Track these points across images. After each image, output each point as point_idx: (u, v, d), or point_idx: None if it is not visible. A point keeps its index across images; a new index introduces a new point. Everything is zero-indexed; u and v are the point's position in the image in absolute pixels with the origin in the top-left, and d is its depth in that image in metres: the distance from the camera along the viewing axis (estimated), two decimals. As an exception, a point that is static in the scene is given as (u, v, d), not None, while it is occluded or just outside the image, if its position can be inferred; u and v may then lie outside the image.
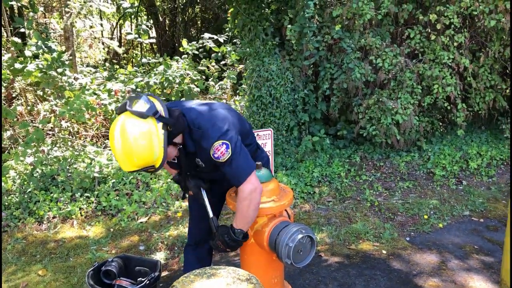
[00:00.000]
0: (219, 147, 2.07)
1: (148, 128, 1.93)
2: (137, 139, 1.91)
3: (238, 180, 2.11)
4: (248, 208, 2.11)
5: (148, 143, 1.93)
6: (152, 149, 1.95)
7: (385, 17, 5.71)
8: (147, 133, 1.93)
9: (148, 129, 1.93)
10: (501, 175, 5.53)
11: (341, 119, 6.15)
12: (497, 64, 5.62)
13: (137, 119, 1.93)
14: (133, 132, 1.91)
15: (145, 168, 1.97)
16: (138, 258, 3.14)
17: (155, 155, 1.96)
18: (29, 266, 3.63)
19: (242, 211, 2.13)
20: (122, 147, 1.91)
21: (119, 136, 1.92)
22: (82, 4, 8.38)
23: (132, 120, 1.93)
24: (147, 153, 1.93)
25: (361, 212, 4.54)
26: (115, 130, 1.93)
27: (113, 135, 1.94)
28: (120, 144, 1.92)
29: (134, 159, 1.92)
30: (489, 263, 3.51)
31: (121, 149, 1.92)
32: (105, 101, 6.05)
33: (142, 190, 4.86)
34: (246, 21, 5.76)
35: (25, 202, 4.54)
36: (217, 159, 2.09)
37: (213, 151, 2.07)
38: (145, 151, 1.93)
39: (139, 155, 1.92)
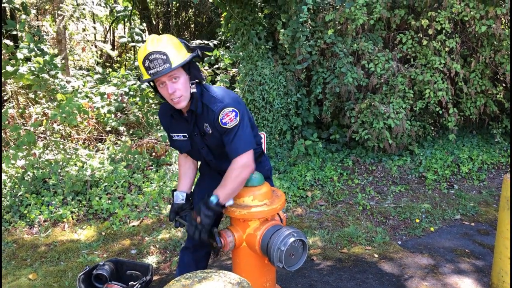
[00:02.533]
0: (229, 113, 2.12)
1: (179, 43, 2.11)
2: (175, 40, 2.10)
3: (237, 151, 2.15)
4: (235, 179, 2.14)
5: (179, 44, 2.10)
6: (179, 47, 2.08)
7: (377, 22, 5.75)
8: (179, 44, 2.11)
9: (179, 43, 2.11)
10: (492, 179, 5.57)
11: (333, 123, 6.18)
12: (488, 69, 5.68)
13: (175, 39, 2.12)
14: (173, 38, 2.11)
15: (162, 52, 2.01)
16: (129, 262, 3.13)
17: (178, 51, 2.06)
18: (19, 270, 3.60)
19: (228, 180, 2.14)
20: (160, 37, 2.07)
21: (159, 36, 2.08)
22: (75, 7, 8.36)
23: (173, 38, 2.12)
24: (176, 44, 2.07)
25: (353, 216, 4.55)
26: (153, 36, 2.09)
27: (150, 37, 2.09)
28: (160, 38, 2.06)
29: (163, 40, 2.05)
30: (480, 266, 3.54)
31: (158, 37, 2.07)
32: (97, 104, 6.03)
33: (134, 193, 4.85)
34: (239, 25, 5.77)
35: (16, 206, 4.50)
36: (224, 125, 2.13)
37: (222, 116, 2.12)
38: (175, 42, 2.08)
39: (170, 42, 2.06)
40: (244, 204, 2.24)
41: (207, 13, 11.58)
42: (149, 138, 5.94)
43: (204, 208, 2.13)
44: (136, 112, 6.50)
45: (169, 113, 2.34)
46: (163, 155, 5.62)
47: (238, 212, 2.21)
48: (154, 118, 6.54)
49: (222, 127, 2.15)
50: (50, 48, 8.59)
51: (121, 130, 6.39)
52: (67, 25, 9.39)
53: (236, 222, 2.29)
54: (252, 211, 2.20)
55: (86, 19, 11.61)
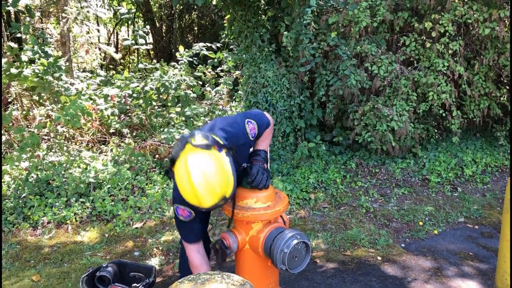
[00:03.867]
0: (249, 127, 2.33)
1: (216, 156, 1.95)
2: (215, 169, 1.91)
3: (267, 123, 2.45)
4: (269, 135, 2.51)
5: (223, 171, 1.94)
6: (227, 176, 1.95)
7: (380, 25, 5.74)
8: (218, 162, 1.93)
9: (217, 157, 1.95)
10: (495, 182, 5.56)
11: (337, 125, 6.17)
12: (491, 72, 5.67)
13: (203, 152, 1.93)
14: (208, 163, 1.90)
15: (221, 199, 1.95)
16: (133, 264, 3.14)
17: (229, 182, 1.96)
18: (23, 271, 3.61)
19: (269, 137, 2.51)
20: (204, 180, 1.88)
21: (195, 170, 1.88)
22: (79, 9, 8.40)
23: (200, 154, 1.92)
24: (225, 180, 1.94)
25: (356, 218, 4.54)
26: (189, 167, 1.89)
27: (188, 172, 1.88)
28: (199, 178, 1.87)
29: (217, 189, 1.90)
30: (484, 269, 3.52)
31: (203, 182, 1.88)
32: (101, 106, 6.05)
33: (137, 195, 4.85)
34: (243, 28, 5.78)
35: (19, 207, 4.52)
36: (254, 136, 2.37)
37: (250, 135, 2.33)
38: (224, 179, 1.93)
39: (221, 184, 1.92)
40: (247, 206, 2.24)
41: (210, 16, 11.63)
42: (153, 140, 5.95)
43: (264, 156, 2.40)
44: (140, 114, 6.52)
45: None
46: (166, 157, 5.63)
47: (241, 214, 2.21)
48: (157, 120, 6.55)
49: (254, 139, 2.40)
50: (54, 50, 8.62)
51: (124, 132, 6.41)
52: (71, 27, 9.43)
53: (239, 224, 2.30)
54: (255, 213, 2.20)
55: (90, 21, 11.64)
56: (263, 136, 2.47)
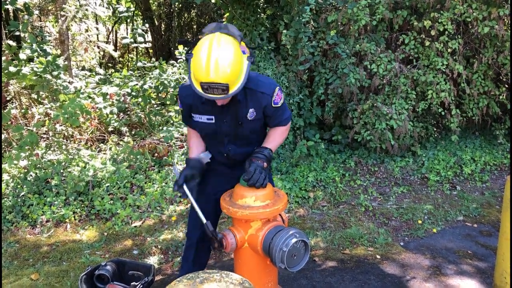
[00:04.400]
0: (279, 93, 2.32)
1: (239, 51, 2.03)
2: (235, 55, 1.98)
3: (287, 120, 2.45)
4: (281, 136, 2.47)
5: (240, 62, 2.01)
6: (240, 71, 2.03)
7: (380, 23, 5.74)
8: (239, 54, 2.02)
9: (240, 51, 2.03)
10: (494, 180, 5.56)
11: (336, 124, 6.17)
12: (490, 70, 5.67)
13: (232, 39, 2.03)
14: (233, 47, 1.99)
15: (224, 84, 1.98)
16: (131, 262, 3.14)
17: (239, 76, 2.03)
18: (21, 270, 3.61)
19: (276, 135, 2.44)
20: (223, 57, 1.95)
21: (220, 47, 1.96)
22: (77, 7, 8.38)
23: (230, 39, 2.02)
24: (237, 72, 2.00)
25: (355, 216, 4.54)
26: (214, 41, 1.97)
27: (211, 44, 1.96)
28: (220, 53, 1.95)
29: (228, 69, 1.96)
30: (483, 268, 3.53)
31: (221, 58, 1.94)
32: (100, 104, 6.03)
33: (136, 194, 4.85)
34: (242, 26, 5.77)
35: (18, 206, 4.51)
36: (276, 105, 2.32)
37: (275, 97, 2.30)
38: (237, 68, 2.00)
39: (233, 69, 1.98)
40: (246, 205, 2.24)
41: (209, 14, 11.60)
42: (152, 138, 5.94)
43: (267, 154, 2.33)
44: (139, 112, 6.51)
45: (193, 96, 2.29)
46: (165, 156, 5.63)
47: (240, 213, 2.20)
48: (156, 118, 6.54)
49: (273, 107, 2.33)
50: (53, 48, 8.60)
51: (123, 130, 6.39)
52: (70, 25, 9.41)
53: (238, 222, 2.29)
54: (254, 212, 2.20)
55: (89, 19, 11.62)
56: (276, 132, 2.45)
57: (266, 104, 2.30)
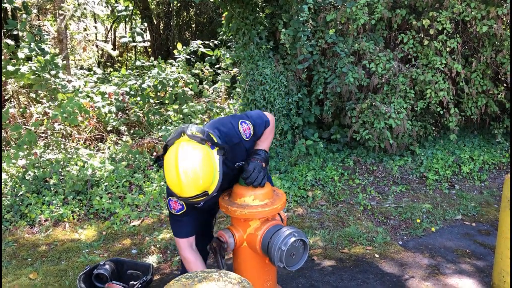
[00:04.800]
0: (243, 126, 2.31)
1: (208, 152, 1.99)
2: (203, 162, 1.93)
3: (266, 123, 2.43)
4: (270, 135, 2.47)
5: (210, 167, 1.97)
6: (213, 173, 1.99)
7: (378, 22, 5.74)
8: (207, 157, 1.97)
9: (208, 152, 1.99)
10: (493, 179, 5.57)
11: (334, 123, 6.17)
12: (489, 69, 5.67)
13: (196, 144, 1.97)
14: (198, 155, 1.94)
15: (202, 193, 1.96)
16: (130, 262, 3.14)
17: (214, 179, 2.00)
18: (20, 269, 3.60)
19: (270, 136, 2.47)
20: (191, 170, 1.90)
21: (184, 159, 1.91)
22: (76, 6, 8.36)
23: (193, 145, 1.96)
24: (210, 175, 1.97)
25: (354, 216, 4.54)
26: (179, 154, 1.92)
27: (177, 159, 1.91)
28: (186, 166, 1.90)
29: (200, 181, 1.92)
30: (481, 267, 3.53)
31: (188, 171, 1.90)
32: (98, 103, 6.03)
33: (135, 193, 4.84)
34: (241, 25, 5.77)
35: (16, 205, 4.50)
36: (249, 136, 2.32)
37: (244, 135, 2.30)
38: (209, 173, 1.96)
39: (205, 178, 1.94)
40: (245, 204, 2.24)
41: (208, 13, 11.59)
42: (150, 137, 5.93)
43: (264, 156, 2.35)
44: (137, 111, 6.50)
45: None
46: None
47: (239, 212, 2.20)
48: (155, 117, 6.54)
49: (250, 139, 2.34)
50: (51, 47, 8.59)
51: (122, 129, 6.39)
52: (68, 24, 9.40)
53: (237, 222, 2.29)
54: (253, 211, 2.20)
55: (87, 18, 11.61)
56: (264, 135, 2.45)
57: (244, 148, 2.32)
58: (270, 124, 2.47)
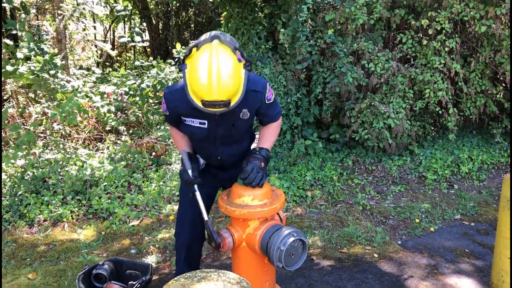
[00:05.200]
0: (270, 89, 2.34)
1: (237, 63, 2.00)
2: (234, 69, 1.96)
3: (277, 116, 2.46)
4: (275, 134, 2.49)
5: (239, 76, 1.99)
6: (240, 83, 2.01)
7: (377, 22, 5.74)
8: (238, 67, 2.00)
9: (237, 64, 2.00)
10: (492, 179, 5.57)
11: (333, 123, 6.18)
12: (488, 69, 5.68)
13: (230, 51, 1.99)
14: (232, 62, 1.96)
15: (226, 101, 1.96)
16: (129, 262, 3.14)
17: (239, 89, 2.02)
18: (19, 269, 3.60)
19: (270, 135, 2.46)
20: (226, 73, 1.92)
21: (221, 61, 1.92)
22: (75, 6, 8.35)
23: (227, 51, 1.98)
24: (237, 85, 1.99)
25: (353, 215, 4.55)
26: (214, 56, 1.92)
27: (211, 59, 1.91)
28: (222, 68, 1.91)
29: (230, 87, 1.94)
30: (480, 266, 3.54)
31: (224, 75, 1.91)
32: (97, 103, 6.02)
33: (134, 193, 4.84)
34: (239, 25, 5.77)
35: (15, 205, 4.50)
36: (269, 100, 2.34)
37: (267, 94, 2.31)
38: (237, 83, 1.99)
39: (234, 85, 1.96)
40: (243, 204, 2.24)
41: (207, 13, 11.59)
42: (149, 137, 5.93)
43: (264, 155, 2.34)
44: (136, 111, 6.50)
45: (183, 101, 2.20)
46: (163, 155, 5.62)
47: (238, 212, 2.20)
48: (154, 117, 6.53)
49: (267, 103, 2.34)
50: (50, 47, 8.58)
51: (121, 129, 6.39)
52: (67, 24, 9.39)
53: (236, 221, 2.29)
54: (252, 211, 2.20)
55: (86, 18, 11.60)
56: (270, 130, 2.46)
57: (260, 102, 2.30)
58: (279, 119, 2.51)
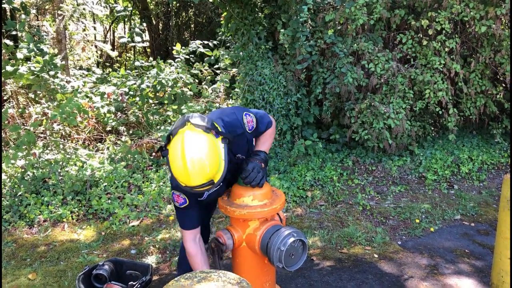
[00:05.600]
0: (247, 118, 2.32)
1: (213, 141, 1.97)
2: (209, 150, 1.92)
3: (268, 124, 2.46)
4: (271, 137, 2.50)
5: (216, 155, 1.96)
6: (219, 161, 1.97)
7: (377, 22, 5.74)
8: (213, 146, 1.96)
9: (213, 141, 1.97)
10: (492, 179, 5.57)
11: (333, 123, 6.17)
12: (487, 69, 5.68)
13: (201, 133, 1.96)
14: (204, 143, 1.93)
15: (208, 182, 1.95)
16: (129, 262, 3.13)
17: (220, 168, 1.98)
18: (19, 270, 3.60)
19: (270, 139, 2.50)
20: (198, 158, 1.89)
21: (190, 147, 1.90)
22: (75, 6, 8.35)
23: (198, 134, 1.95)
24: (216, 164, 1.96)
25: (353, 216, 4.55)
26: (185, 143, 1.91)
27: (183, 147, 1.90)
28: (193, 154, 1.89)
29: (207, 169, 1.91)
30: (480, 267, 3.54)
31: (195, 159, 1.89)
32: (97, 104, 6.03)
33: (134, 193, 4.84)
34: (240, 25, 5.77)
35: (15, 206, 4.50)
36: (251, 129, 2.34)
37: (247, 127, 2.31)
38: (215, 162, 1.95)
39: (211, 166, 1.93)
40: (244, 204, 2.24)
41: (207, 13, 11.59)
42: (149, 138, 5.94)
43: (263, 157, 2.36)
44: (136, 112, 6.50)
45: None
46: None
47: (238, 212, 2.20)
48: (154, 118, 6.54)
49: (252, 132, 2.35)
50: (50, 48, 8.59)
51: (121, 130, 6.39)
52: (67, 25, 9.39)
53: (236, 222, 2.29)
54: (252, 211, 2.20)
55: (86, 19, 11.61)
56: (265, 136, 2.46)
57: (245, 137, 2.32)
58: (272, 127, 2.49)
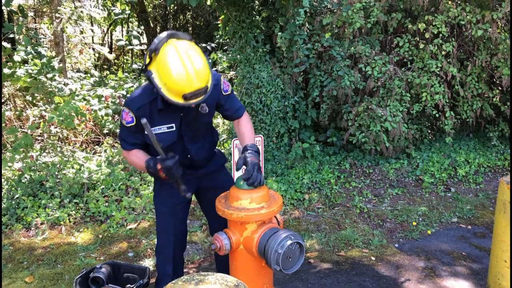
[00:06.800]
0: (225, 82, 2.39)
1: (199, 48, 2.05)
2: (201, 54, 2.01)
3: (241, 110, 2.49)
4: (251, 128, 2.50)
5: (205, 60, 2.02)
6: (207, 66, 2.04)
7: (374, 26, 5.77)
8: (202, 52, 2.04)
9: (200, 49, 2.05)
10: (488, 182, 5.59)
11: (331, 126, 6.19)
12: (484, 73, 5.71)
13: (188, 41, 2.03)
14: (196, 48, 2.01)
15: (206, 87, 2.00)
16: (127, 265, 3.13)
17: (210, 73, 2.06)
18: (15, 273, 3.59)
19: (248, 130, 2.48)
20: (196, 60, 1.95)
21: (189, 52, 1.95)
22: (72, 9, 8.36)
23: (187, 42, 2.01)
24: (208, 68, 2.02)
25: (350, 218, 4.55)
26: (180, 50, 1.95)
27: (179, 52, 1.94)
28: (192, 57, 1.95)
29: (206, 70, 1.98)
30: (477, 269, 3.55)
31: (196, 63, 1.95)
32: (95, 106, 6.02)
33: (131, 196, 4.84)
34: (237, 28, 5.78)
35: (12, 208, 4.49)
36: (226, 92, 2.38)
37: (223, 86, 2.36)
38: (207, 65, 2.02)
39: (207, 69, 2.00)
40: (241, 207, 2.24)
41: (205, 16, 11.61)
42: (147, 140, 5.92)
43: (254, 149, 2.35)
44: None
45: (148, 108, 2.21)
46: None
47: (235, 215, 2.21)
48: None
49: (224, 95, 2.38)
50: (48, 50, 8.58)
51: (118, 132, 6.38)
52: (65, 27, 9.39)
53: (233, 224, 2.29)
54: (249, 214, 2.20)
55: (84, 21, 11.60)
56: (244, 129, 2.48)
57: (217, 94, 2.34)
58: (246, 113, 2.55)
